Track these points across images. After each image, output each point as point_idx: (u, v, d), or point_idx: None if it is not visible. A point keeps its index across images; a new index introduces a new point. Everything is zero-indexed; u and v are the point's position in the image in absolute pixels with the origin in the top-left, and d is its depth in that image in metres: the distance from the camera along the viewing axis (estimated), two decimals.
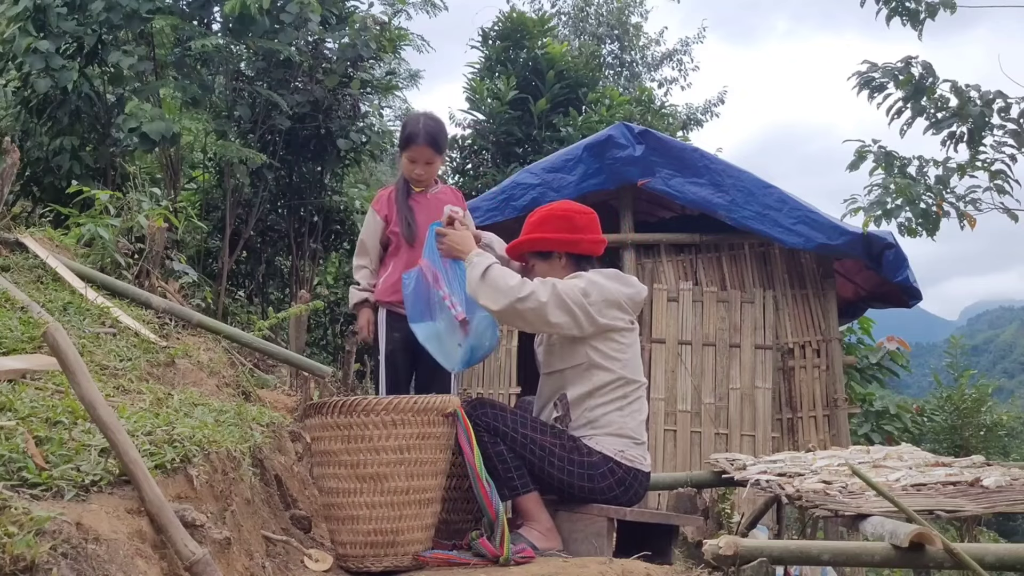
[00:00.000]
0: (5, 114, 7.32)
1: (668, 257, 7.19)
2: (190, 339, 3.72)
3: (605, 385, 3.02)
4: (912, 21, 6.15)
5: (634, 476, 3.00)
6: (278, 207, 9.45)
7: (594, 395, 3.03)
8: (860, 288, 7.80)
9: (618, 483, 2.97)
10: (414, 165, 3.65)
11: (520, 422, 2.94)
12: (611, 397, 3.03)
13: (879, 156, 6.15)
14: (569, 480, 2.93)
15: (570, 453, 2.94)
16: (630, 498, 3.04)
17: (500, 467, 2.90)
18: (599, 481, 2.94)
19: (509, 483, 2.92)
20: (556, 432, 2.98)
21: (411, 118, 3.89)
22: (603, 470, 2.95)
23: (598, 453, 2.96)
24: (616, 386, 3.03)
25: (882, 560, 2.09)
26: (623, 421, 3.02)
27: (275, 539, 2.45)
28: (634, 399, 3.07)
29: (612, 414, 3.02)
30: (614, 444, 3.00)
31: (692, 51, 19.63)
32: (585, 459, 2.95)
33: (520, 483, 2.93)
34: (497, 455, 2.90)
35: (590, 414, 3.02)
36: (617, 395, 3.04)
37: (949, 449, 10.32)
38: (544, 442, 2.92)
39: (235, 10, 7.19)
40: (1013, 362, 69.87)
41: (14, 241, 4.00)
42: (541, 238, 3.18)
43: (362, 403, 2.56)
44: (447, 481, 2.85)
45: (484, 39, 12.43)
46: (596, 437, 2.99)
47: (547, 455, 2.92)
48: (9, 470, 1.57)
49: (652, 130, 7.38)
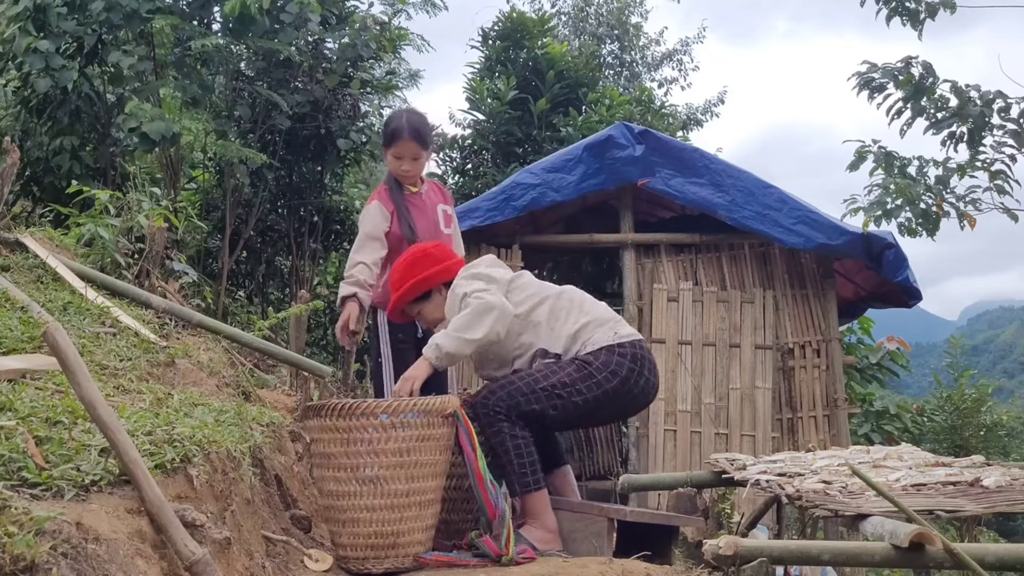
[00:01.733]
0: (5, 114, 7.32)
1: (668, 257, 7.19)
2: (190, 339, 3.72)
3: (548, 311, 3.14)
4: (912, 21, 6.15)
5: (637, 346, 3.11)
6: (278, 207, 9.44)
7: (552, 324, 3.14)
8: (860, 288, 7.79)
9: (632, 360, 3.05)
10: (400, 161, 3.60)
11: (532, 380, 3.00)
12: (563, 313, 3.15)
13: (879, 156, 6.16)
14: (602, 391, 3.00)
15: (585, 370, 3.01)
16: (649, 368, 3.12)
17: (516, 461, 2.92)
18: (620, 370, 3.02)
19: (522, 478, 2.94)
20: (561, 364, 3.05)
21: (394, 115, 3.87)
22: (616, 358, 3.03)
23: (602, 351, 3.05)
24: (552, 304, 3.16)
25: (882, 560, 2.09)
26: (590, 315, 3.15)
27: (275, 539, 2.45)
28: (575, 301, 3.20)
29: (579, 319, 3.13)
30: (604, 335, 3.09)
31: (692, 51, 19.64)
32: (599, 363, 3.02)
33: (533, 479, 2.96)
34: (515, 447, 2.93)
35: (562, 332, 3.12)
36: (562, 307, 3.16)
37: (949, 449, 10.32)
38: (562, 378, 2.99)
39: (235, 10, 7.18)
40: (1013, 362, 69.85)
41: (14, 241, 4.00)
42: (419, 281, 3.21)
43: (361, 406, 2.56)
44: (447, 481, 2.85)
45: (484, 39, 12.42)
46: (587, 343, 3.08)
47: (573, 386, 2.98)
48: (9, 470, 1.57)
49: (652, 130, 7.38)
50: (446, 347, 2.93)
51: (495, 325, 2.97)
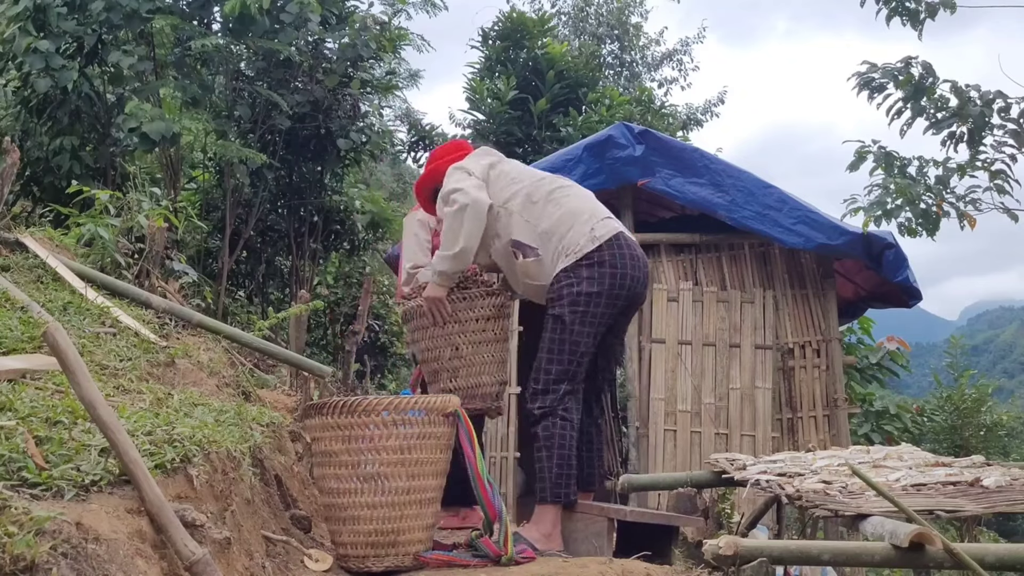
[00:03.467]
0: (5, 114, 7.32)
1: (668, 257, 7.19)
2: (190, 339, 3.72)
3: (522, 201, 3.19)
4: (912, 21, 6.15)
5: (615, 245, 3.12)
6: (278, 207, 9.45)
7: (525, 215, 3.18)
8: (860, 288, 7.79)
9: (612, 265, 3.10)
10: None
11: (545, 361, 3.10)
12: (539, 206, 3.19)
13: (879, 156, 6.15)
14: (598, 313, 3.08)
15: (576, 311, 3.08)
16: (637, 258, 3.17)
17: (560, 470, 3.04)
18: (611, 269, 3.08)
19: (555, 488, 3.04)
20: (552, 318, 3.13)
21: None
22: (597, 271, 3.08)
23: (581, 266, 3.09)
24: (528, 192, 3.20)
25: (882, 560, 2.09)
26: (563, 207, 3.17)
27: (275, 539, 2.45)
28: (551, 191, 3.22)
29: (553, 212, 3.16)
30: (580, 236, 3.12)
31: (692, 51, 19.64)
32: (580, 277, 3.08)
33: (565, 492, 3.04)
34: (567, 456, 3.05)
35: (537, 225, 3.16)
36: (538, 198, 3.19)
37: (949, 449, 10.32)
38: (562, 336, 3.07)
39: (235, 10, 7.19)
40: (1013, 362, 69.88)
41: (14, 241, 4.00)
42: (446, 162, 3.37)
43: (363, 403, 2.56)
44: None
45: (484, 39, 12.43)
46: (565, 247, 3.12)
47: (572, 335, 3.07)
48: (9, 470, 1.57)
49: (652, 130, 7.37)
50: (440, 267, 3.11)
51: (470, 225, 3.07)
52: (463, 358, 3.18)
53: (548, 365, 3.09)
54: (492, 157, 3.39)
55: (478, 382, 3.20)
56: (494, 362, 3.23)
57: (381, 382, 11.17)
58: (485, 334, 3.21)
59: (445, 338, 3.17)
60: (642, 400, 6.93)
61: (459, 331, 3.16)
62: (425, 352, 3.24)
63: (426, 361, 3.27)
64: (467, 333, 3.17)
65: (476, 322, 3.18)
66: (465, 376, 3.18)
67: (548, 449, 3.04)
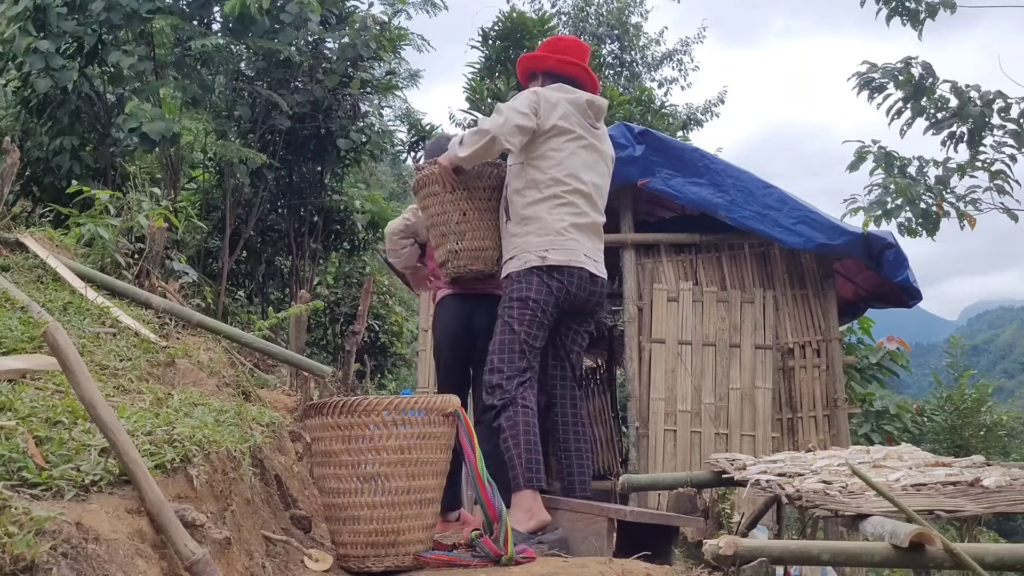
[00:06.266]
0: (5, 114, 7.33)
1: (668, 257, 7.18)
2: (190, 339, 3.72)
3: (536, 184, 3.36)
4: (912, 21, 6.15)
5: (562, 272, 3.31)
6: (278, 207, 9.45)
7: (523, 192, 3.37)
8: (860, 288, 7.79)
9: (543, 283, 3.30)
10: None
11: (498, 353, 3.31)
12: (543, 195, 3.34)
13: (879, 156, 6.16)
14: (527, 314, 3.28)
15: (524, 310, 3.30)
16: (565, 295, 3.33)
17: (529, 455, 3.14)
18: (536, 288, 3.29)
19: (527, 474, 3.12)
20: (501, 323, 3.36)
21: None
22: (528, 279, 3.29)
23: (522, 269, 3.32)
24: (546, 185, 3.35)
25: (882, 560, 2.09)
26: (550, 219, 3.34)
27: (275, 539, 2.45)
28: (565, 200, 3.38)
29: (541, 212, 3.34)
30: (538, 244, 3.31)
31: (692, 51, 19.64)
32: (520, 286, 3.30)
33: (536, 476, 3.14)
34: (533, 442, 3.16)
35: (523, 212, 3.36)
36: (548, 194, 3.34)
37: (949, 449, 10.31)
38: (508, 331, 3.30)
39: (235, 10, 7.19)
40: (1013, 362, 69.89)
41: (14, 241, 4.00)
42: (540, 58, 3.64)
43: (363, 403, 2.56)
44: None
45: (484, 39, 12.42)
46: (521, 239, 3.34)
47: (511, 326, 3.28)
48: (9, 470, 1.57)
49: (652, 130, 7.36)
50: (453, 153, 3.39)
51: (481, 150, 3.34)
52: (470, 222, 3.47)
53: (500, 364, 3.29)
54: (568, 123, 3.45)
55: (482, 245, 3.49)
56: (496, 228, 3.51)
57: (381, 382, 11.18)
58: (491, 202, 3.51)
59: (454, 203, 3.46)
60: (642, 400, 6.93)
61: (467, 197, 3.45)
62: (435, 216, 3.52)
63: (435, 225, 3.54)
64: (474, 200, 3.46)
65: (483, 191, 3.49)
66: (471, 239, 3.48)
67: (514, 437, 3.14)
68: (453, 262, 3.51)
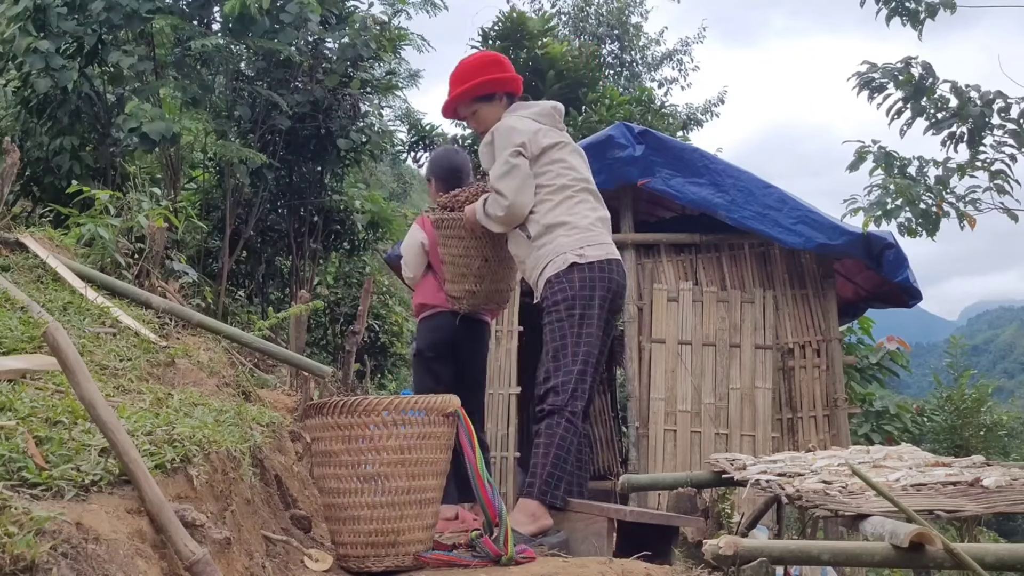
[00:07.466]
0: (5, 114, 7.33)
1: (668, 257, 7.19)
2: (190, 339, 3.72)
3: (548, 195, 3.34)
4: (912, 21, 6.15)
5: (604, 266, 3.27)
6: (278, 207, 9.45)
7: (536, 208, 3.35)
8: (860, 288, 7.79)
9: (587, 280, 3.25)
10: None
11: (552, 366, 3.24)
12: (558, 200, 3.33)
13: (879, 156, 6.16)
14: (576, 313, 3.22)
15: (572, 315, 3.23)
16: (611, 286, 3.29)
17: (555, 470, 3.09)
18: (580, 284, 3.24)
19: (544, 487, 3.08)
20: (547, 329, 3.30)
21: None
22: (570, 276, 3.25)
23: (562, 269, 3.27)
24: (558, 191, 3.35)
25: (882, 560, 2.08)
26: (573, 219, 3.32)
27: (275, 539, 2.44)
28: (580, 199, 3.37)
29: (563, 215, 3.32)
30: (571, 244, 3.27)
31: (692, 51, 19.64)
32: (563, 287, 3.24)
33: (553, 493, 3.08)
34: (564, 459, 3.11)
35: (544, 220, 3.33)
36: (563, 197, 3.34)
37: (949, 449, 10.32)
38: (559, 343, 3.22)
39: (235, 10, 7.19)
40: (1013, 362, 69.92)
41: (14, 241, 4.00)
42: (490, 80, 3.50)
43: (363, 403, 2.56)
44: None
45: (484, 39, 12.43)
46: (551, 245, 3.30)
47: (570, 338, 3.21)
48: (9, 470, 1.57)
49: (652, 130, 7.37)
50: (483, 217, 3.40)
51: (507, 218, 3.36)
52: (490, 267, 3.66)
53: (555, 370, 3.23)
54: (551, 138, 3.43)
55: (497, 288, 3.73)
56: (511, 272, 3.75)
57: (381, 382, 11.17)
58: (507, 251, 3.64)
59: (478, 249, 3.62)
60: (642, 400, 6.93)
61: (490, 244, 3.60)
62: (456, 257, 3.66)
63: (455, 263, 3.66)
64: (496, 248, 3.62)
65: (504, 238, 3.59)
66: (489, 282, 3.68)
67: (547, 447, 3.08)
68: (469, 300, 3.69)
